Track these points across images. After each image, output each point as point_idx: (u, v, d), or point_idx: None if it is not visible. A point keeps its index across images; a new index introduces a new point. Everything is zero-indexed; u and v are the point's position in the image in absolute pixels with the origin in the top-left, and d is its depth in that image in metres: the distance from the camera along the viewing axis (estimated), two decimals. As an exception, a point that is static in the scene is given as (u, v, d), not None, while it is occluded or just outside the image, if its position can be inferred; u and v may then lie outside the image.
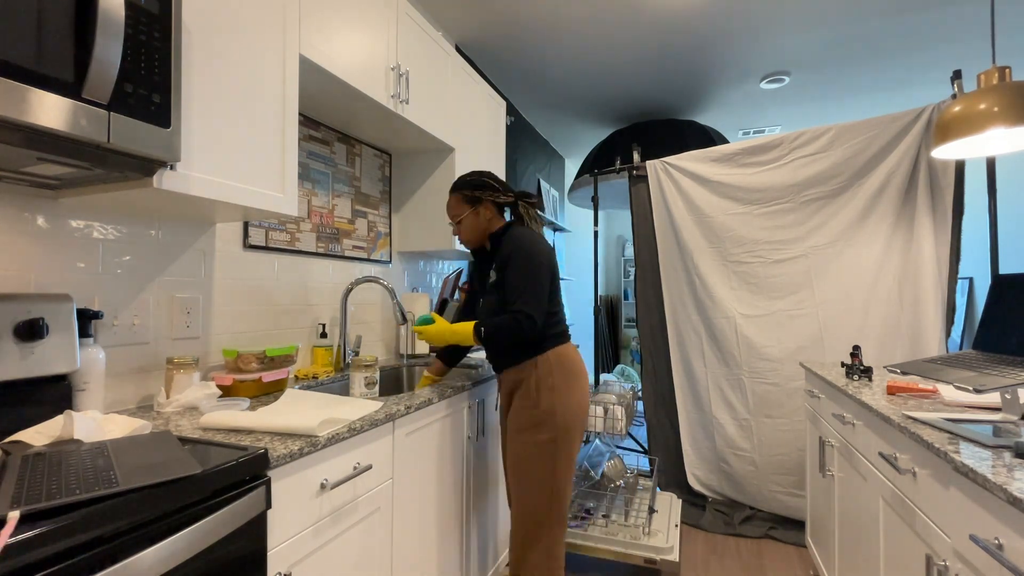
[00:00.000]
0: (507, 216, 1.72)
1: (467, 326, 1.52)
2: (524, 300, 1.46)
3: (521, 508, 1.54)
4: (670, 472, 2.86)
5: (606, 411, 2.27)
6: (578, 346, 4.10)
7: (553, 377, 1.51)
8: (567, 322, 1.68)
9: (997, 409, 1.23)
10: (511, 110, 3.72)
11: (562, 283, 5.14)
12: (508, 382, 1.60)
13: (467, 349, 1.79)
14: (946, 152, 1.74)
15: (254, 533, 0.88)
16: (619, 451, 3.69)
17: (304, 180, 1.85)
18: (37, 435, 0.88)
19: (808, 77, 3.31)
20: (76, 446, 0.85)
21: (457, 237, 1.70)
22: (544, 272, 1.51)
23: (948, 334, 2.22)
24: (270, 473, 0.92)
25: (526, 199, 1.67)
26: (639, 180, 2.95)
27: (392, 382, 2.05)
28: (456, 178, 1.75)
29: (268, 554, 0.93)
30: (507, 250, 1.53)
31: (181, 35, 0.98)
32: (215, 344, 1.49)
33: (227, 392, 1.34)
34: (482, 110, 2.53)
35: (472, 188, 1.63)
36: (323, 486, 1.06)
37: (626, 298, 6.70)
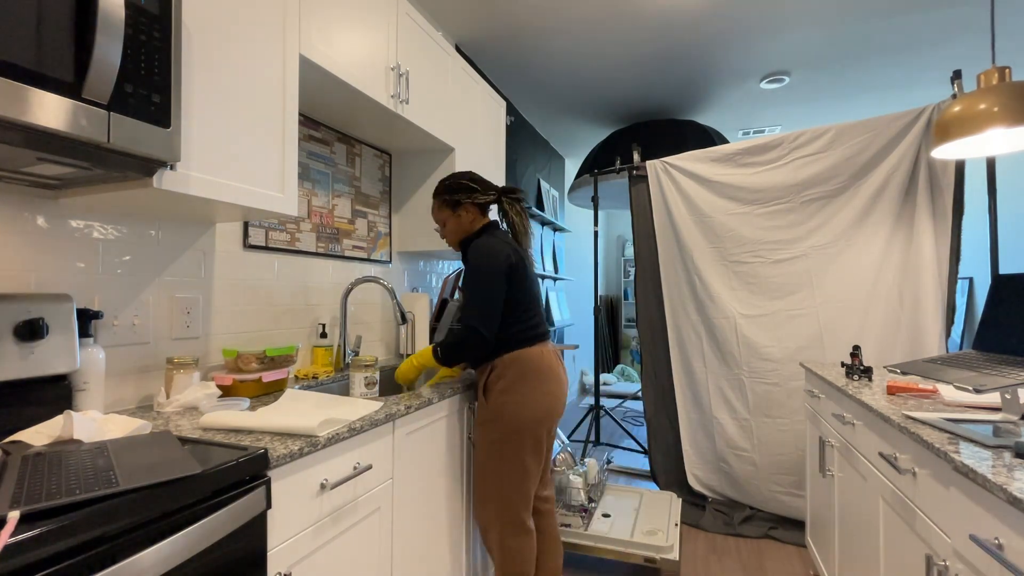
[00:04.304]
0: (492, 214, 1.70)
1: (427, 350, 1.59)
2: (472, 315, 1.49)
3: (476, 505, 1.59)
4: (670, 472, 2.86)
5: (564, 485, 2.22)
6: (577, 347, 4.09)
7: (505, 379, 1.51)
8: (556, 323, 1.71)
9: (997, 409, 1.23)
10: (511, 110, 3.71)
11: (562, 283, 5.14)
12: (478, 380, 1.64)
13: None
14: (946, 152, 1.74)
15: (254, 533, 0.88)
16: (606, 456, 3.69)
17: (304, 180, 1.85)
18: (37, 435, 0.88)
19: (808, 77, 3.31)
20: (76, 446, 0.85)
21: (445, 241, 1.72)
22: (495, 283, 1.50)
23: (948, 334, 2.22)
24: (270, 473, 0.92)
25: (509, 195, 1.67)
26: (639, 180, 2.95)
27: (392, 382, 2.05)
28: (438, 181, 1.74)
29: (268, 554, 0.93)
30: (467, 263, 1.56)
31: (181, 35, 0.98)
32: (215, 344, 1.49)
33: (227, 392, 1.34)
34: (482, 110, 2.53)
35: (451, 192, 1.65)
36: (323, 486, 1.06)
37: (626, 298, 6.71)
